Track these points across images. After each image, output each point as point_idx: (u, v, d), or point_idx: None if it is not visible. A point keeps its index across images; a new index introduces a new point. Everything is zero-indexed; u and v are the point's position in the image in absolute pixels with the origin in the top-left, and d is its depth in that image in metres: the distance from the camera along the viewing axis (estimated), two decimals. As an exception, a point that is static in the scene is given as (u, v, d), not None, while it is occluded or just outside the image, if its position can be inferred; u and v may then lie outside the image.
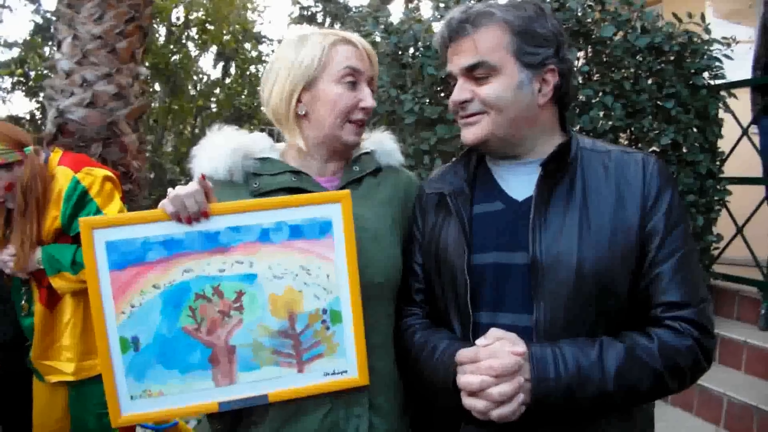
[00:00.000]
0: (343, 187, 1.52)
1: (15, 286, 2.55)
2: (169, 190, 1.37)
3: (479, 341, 1.27)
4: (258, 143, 1.57)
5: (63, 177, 2.40)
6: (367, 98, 1.52)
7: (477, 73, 1.36)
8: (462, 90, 1.38)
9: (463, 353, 1.27)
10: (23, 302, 2.51)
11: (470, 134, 1.40)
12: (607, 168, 1.36)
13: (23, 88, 10.64)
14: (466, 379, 1.24)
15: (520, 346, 1.24)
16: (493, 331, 1.28)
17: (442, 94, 3.46)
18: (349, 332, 1.43)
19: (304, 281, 1.41)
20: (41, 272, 2.39)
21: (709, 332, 1.30)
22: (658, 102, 3.62)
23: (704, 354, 1.29)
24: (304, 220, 1.41)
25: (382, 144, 1.65)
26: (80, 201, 2.37)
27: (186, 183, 1.40)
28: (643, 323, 1.31)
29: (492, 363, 1.21)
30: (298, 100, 1.51)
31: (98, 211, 2.37)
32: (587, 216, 1.31)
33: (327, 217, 1.41)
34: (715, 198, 3.86)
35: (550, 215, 1.33)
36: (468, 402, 1.24)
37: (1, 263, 2.42)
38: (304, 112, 1.51)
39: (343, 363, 1.44)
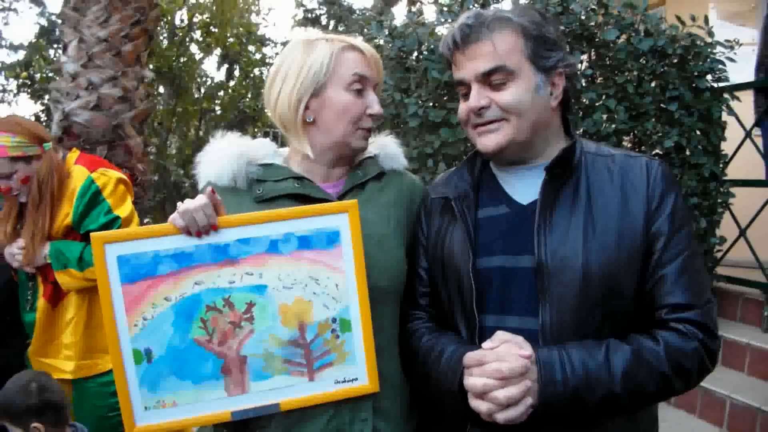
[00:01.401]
0: (346, 192, 1.53)
1: (21, 282, 2.57)
2: (179, 204, 1.39)
3: (485, 344, 1.28)
4: (262, 149, 1.57)
5: (78, 175, 2.45)
6: (374, 105, 1.52)
7: (494, 78, 1.35)
8: (479, 96, 1.37)
9: (470, 356, 1.28)
10: (28, 298, 2.54)
11: (491, 142, 1.39)
12: (612, 171, 1.38)
13: (28, 91, 10.69)
14: (471, 381, 1.26)
15: (527, 349, 1.25)
16: (499, 334, 1.29)
17: (446, 98, 3.47)
18: (358, 340, 1.44)
19: (313, 291, 1.43)
20: (48, 267, 2.42)
21: (714, 333, 1.32)
22: (662, 105, 3.63)
23: (709, 355, 1.31)
24: (312, 230, 1.42)
25: (385, 148, 1.65)
26: (93, 200, 2.42)
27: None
28: (649, 325, 1.32)
29: (499, 366, 1.22)
30: (306, 107, 1.50)
31: (110, 212, 2.42)
32: (592, 219, 1.33)
33: (335, 228, 1.42)
34: (719, 200, 3.87)
35: (556, 218, 1.34)
36: (474, 404, 1.26)
37: (10, 256, 2.45)
38: (312, 119, 1.51)
39: (354, 371, 1.45)
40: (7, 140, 2.35)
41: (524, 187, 1.42)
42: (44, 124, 9.76)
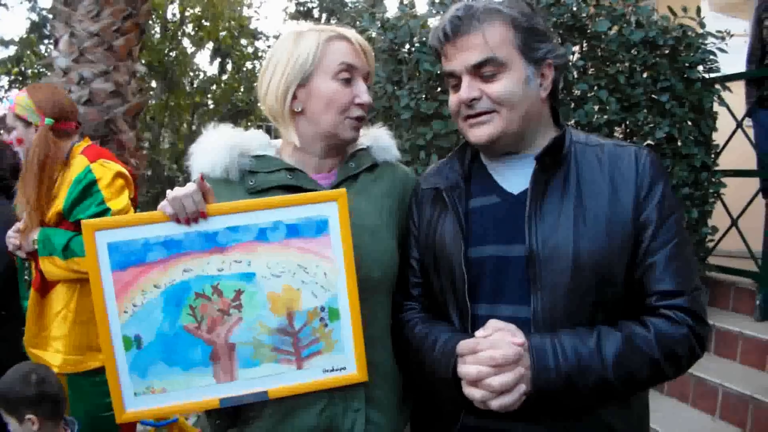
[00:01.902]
0: (339, 183, 1.53)
1: (20, 267, 2.59)
2: (168, 191, 1.39)
3: (479, 332, 1.29)
4: (254, 140, 1.57)
5: (78, 164, 2.45)
6: (362, 94, 1.52)
7: (484, 70, 1.36)
8: (470, 88, 1.37)
9: (464, 344, 1.29)
10: (26, 278, 2.55)
11: (483, 133, 1.39)
12: (601, 161, 1.39)
13: (20, 87, 10.65)
14: (465, 369, 1.27)
15: (520, 337, 1.26)
16: (492, 322, 1.30)
17: (438, 90, 3.47)
18: (347, 329, 1.44)
19: (302, 279, 1.43)
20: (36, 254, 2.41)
21: (703, 319, 1.33)
22: (653, 96, 3.63)
23: (698, 341, 1.32)
24: (300, 219, 1.42)
25: (378, 140, 1.65)
26: (87, 189, 2.40)
27: (184, 180, 1.42)
28: (639, 312, 1.33)
29: (493, 353, 1.23)
30: (294, 97, 1.50)
31: (102, 203, 2.40)
32: (582, 208, 1.34)
33: (324, 216, 1.42)
34: (710, 191, 3.88)
35: (546, 207, 1.35)
36: (468, 391, 1.27)
37: (7, 238, 2.46)
38: (300, 109, 1.51)
39: (342, 359, 1.46)
40: (21, 99, 2.47)
41: (515, 177, 1.43)
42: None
